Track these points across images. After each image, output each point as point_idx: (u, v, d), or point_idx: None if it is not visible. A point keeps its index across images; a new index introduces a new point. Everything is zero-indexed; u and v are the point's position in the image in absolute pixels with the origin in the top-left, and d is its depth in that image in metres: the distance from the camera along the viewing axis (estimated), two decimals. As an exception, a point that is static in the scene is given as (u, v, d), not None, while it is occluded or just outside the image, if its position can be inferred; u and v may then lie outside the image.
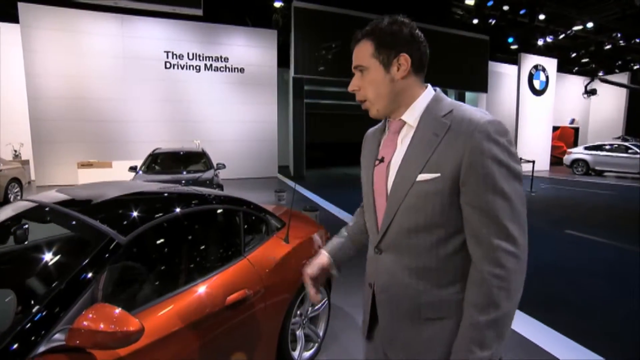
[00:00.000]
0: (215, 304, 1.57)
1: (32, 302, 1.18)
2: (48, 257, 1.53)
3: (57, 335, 1.09)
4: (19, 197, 7.76)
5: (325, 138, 19.48)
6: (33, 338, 1.06)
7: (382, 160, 0.97)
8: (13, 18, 10.19)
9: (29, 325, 1.08)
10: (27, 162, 10.49)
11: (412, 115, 0.93)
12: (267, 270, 1.92)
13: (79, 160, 9.84)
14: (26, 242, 1.62)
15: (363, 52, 0.93)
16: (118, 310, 1.09)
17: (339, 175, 14.75)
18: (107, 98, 11.06)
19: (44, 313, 1.11)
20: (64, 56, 10.49)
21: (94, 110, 10.95)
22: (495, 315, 0.80)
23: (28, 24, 10.05)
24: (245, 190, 9.63)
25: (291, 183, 11.45)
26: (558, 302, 3.39)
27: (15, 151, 10.63)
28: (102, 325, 1.05)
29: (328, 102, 16.92)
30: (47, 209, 1.62)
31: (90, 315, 1.07)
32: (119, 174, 8.22)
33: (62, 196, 1.80)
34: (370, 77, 0.93)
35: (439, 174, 0.85)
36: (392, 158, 0.95)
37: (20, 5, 9.92)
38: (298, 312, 2.26)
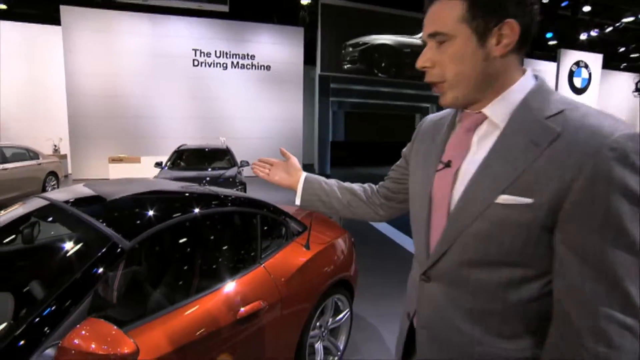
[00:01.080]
0: (226, 317, 1.43)
1: (26, 310, 1.09)
2: (50, 260, 1.45)
3: (48, 351, 0.99)
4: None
5: (350, 137, 19.22)
6: (23, 351, 0.96)
7: (448, 165, 0.75)
8: (55, 21, 10.74)
9: (20, 336, 0.98)
10: (65, 156, 11.00)
11: (500, 109, 0.69)
12: (285, 279, 1.77)
13: (110, 155, 10.18)
14: (33, 243, 1.56)
15: (446, 14, 0.67)
16: (113, 329, 0.97)
17: (364, 175, 14.48)
18: (137, 95, 11.42)
19: (36, 323, 1.02)
20: (100, 55, 10.93)
21: (126, 107, 11.35)
22: None
23: (68, 26, 10.57)
24: (268, 188, 9.44)
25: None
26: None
27: (55, 146, 11.16)
28: (93, 346, 0.93)
29: (354, 100, 16.66)
30: (56, 208, 1.55)
31: (83, 332, 0.96)
32: (146, 169, 8.40)
33: (86, 191, 1.75)
34: (454, 50, 0.67)
35: (531, 200, 0.61)
36: (463, 164, 0.72)
37: (62, 8, 10.48)
38: (317, 324, 2.10)
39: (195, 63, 12.03)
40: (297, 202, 1.04)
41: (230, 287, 1.54)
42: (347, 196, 1.03)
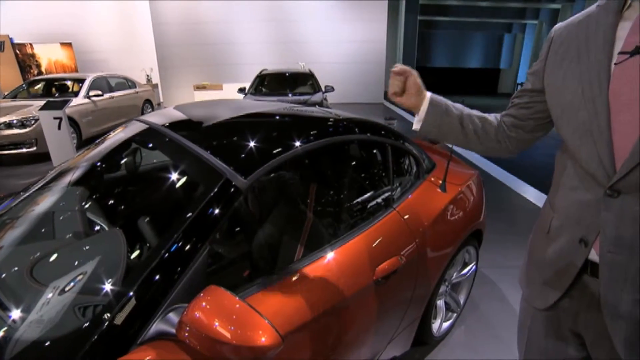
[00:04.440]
0: (362, 278, 1.11)
1: (144, 255, 0.86)
2: (157, 194, 1.23)
3: (171, 316, 0.76)
4: (150, 117, 8.73)
5: (439, 62, 17.05)
6: (150, 301, 0.77)
7: (636, 52, 0.63)
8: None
9: (147, 284, 0.78)
10: (156, 85, 11.64)
11: None
12: (423, 229, 1.39)
13: (195, 83, 10.44)
14: (136, 171, 1.35)
15: None
16: (237, 302, 0.68)
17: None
18: (216, 21, 11.25)
19: (159, 273, 0.79)
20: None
21: (205, 33, 11.34)
22: None
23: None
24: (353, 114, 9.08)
25: (399, 110, 10.45)
26: None
27: (148, 76, 11.80)
28: (217, 323, 0.65)
29: (445, 19, 14.40)
30: (156, 133, 1.28)
31: (204, 304, 0.68)
32: (229, 96, 8.46)
33: (177, 114, 1.48)
34: None
35: None
36: None
37: None
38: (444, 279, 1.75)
39: (273, -20, 11.17)
40: (416, 127, 0.95)
41: (362, 239, 1.20)
42: (476, 125, 0.92)
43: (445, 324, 1.91)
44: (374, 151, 1.49)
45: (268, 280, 0.97)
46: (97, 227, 1.14)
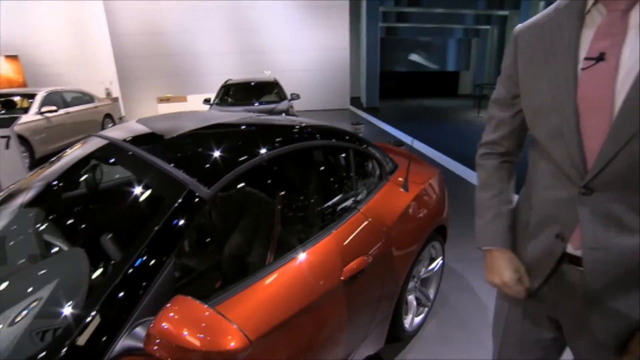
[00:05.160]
0: (330, 279, 1.14)
1: (107, 272, 0.85)
2: (119, 209, 1.20)
3: (137, 330, 0.75)
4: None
5: (402, 66, 17.63)
6: (115, 318, 0.76)
7: (601, 58, 0.67)
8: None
9: (111, 301, 0.76)
10: (116, 99, 11.20)
11: None
12: (387, 228, 1.44)
13: (158, 95, 10.17)
14: (97, 188, 1.31)
15: None
16: (206, 309, 0.69)
17: (415, 106, 13.43)
18: (178, 31, 11.06)
19: (123, 290, 0.78)
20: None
21: (168, 45, 11.11)
22: None
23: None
24: (322, 121, 9.16)
25: (366, 115, 10.69)
26: None
27: (107, 89, 11.34)
28: (186, 332, 0.66)
29: (406, 25, 14.94)
30: (116, 148, 1.26)
31: (172, 315, 0.69)
32: (193, 108, 8.30)
33: (140, 127, 1.46)
34: None
35: None
36: (622, 54, 0.65)
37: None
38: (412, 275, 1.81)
39: (234, -9, 11.15)
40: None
41: (329, 241, 1.23)
42: (509, 203, 0.92)
43: (417, 319, 1.97)
44: (337, 156, 1.53)
45: (239, 286, 0.98)
46: (56, 249, 1.10)
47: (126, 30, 10.64)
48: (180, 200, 0.92)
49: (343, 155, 1.51)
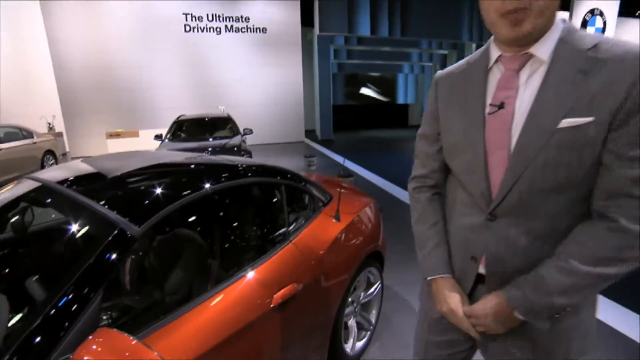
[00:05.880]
0: (258, 308, 1.23)
1: (25, 314, 0.88)
2: (46, 253, 1.23)
3: None
4: (53, 169, 7.90)
5: (352, 100, 18.60)
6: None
7: (501, 106, 0.80)
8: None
9: (24, 345, 0.79)
10: (60, 134, 10.65)
11: (545, 47, 0.75)
12: (318, 257, 1.56)
13: (107, 130, 9.83)
14: (26, 232, 1.32)
15: None
16: (130, 340, 0.76)
17: (368, 138, 14.10)
18: (129, 66, 10.87)
19: (41, 333, 0.81)
20: (84, 21, 10.21)
21: (118, 78, 10.84)
22: (616, 270, 0.71)
23: (45, -10, 9.77)
24: (273, 156, 9.33)
25: (320, 147, 11.03)
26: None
27: (49, 124, 10.76)
28: (108, 363, 0.72)
29: (355, 62, 15.99)
30: (48, 189, 1.30)
31: (94, 347, 0.74)
32: (146, 143, 8.12)
33: (84, 167, 1.50)
34: None
35: (591, 118, 0.70)
36: (516, 103, 0.78)
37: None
38: (350, 300, 1.93)
39: (187, 28, 11.34)
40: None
41: (259, 271, 1.33)
42: (444, 227, 1.00)
43: (360, 343, 2.07)
44: (271, 192, 1.66)
45: (171, 317, 1.03)
46: None
47: (72, 64, 10.25)
48: (110, 239, 0.99)
49: (276, 190, 1.64)
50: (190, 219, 1.36)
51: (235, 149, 5.40)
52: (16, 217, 1.33)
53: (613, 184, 0.71)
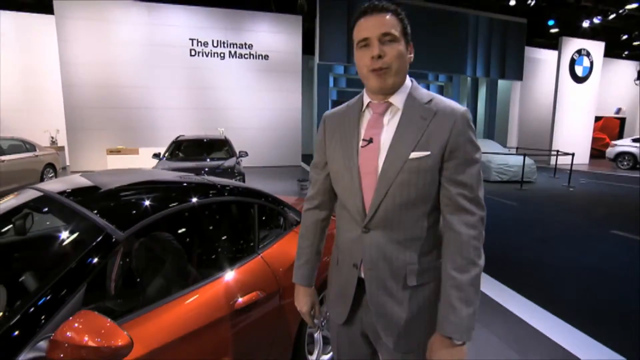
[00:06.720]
0: (224, 308, 1.41)
1: (19, 302, 1.06)
2: (42, 251, 1.42)
3: (40, 344, 0.97)
4: (52, 182, 8.08)
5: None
6: (16, 342, 0.95)
7: (370, 141, 1.01)
8: (48, 9, 10.57)
9: (13, 327, 0.97)
10: (62, 148, 10.94)
11: (399, 98, 1.01)
12: (284, 269, 1.75)
13: (108, 146, 10.12)
14: (26, 234, 1.53)
15: (394, 25, 0.96)
16: (106, 321, 0.94)
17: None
18: (134, 86, 11.30)
19: (30, 314, 0.99)
20: (96, 45, 10.80)
21: (123, 97, 11.23)
22: (475, 272, 0.93)
23: (62, 15, 10.41)
24: (267, 179, 9.56)
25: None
26: (605, 313, 3.05)
27: (52, 137, 11.08)
28: (86, 338, 0.91)
29: (354, 90, 16.64)
30: (49, 199, 1.51)
31: (76, 325, 0.93)
32: (145, 160, 8.38)
33: (82, 181, 1.72)
34: (399, 50, 0.96)
35: (429, 152, 0.95)
36: (381, 138, 1.01)
37: (54, -4, 10.20)
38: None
39: (193, 53, 11.88)
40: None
41: (227, 277, 1.52)
42: (319, 244, 1.24)
43: (325, 357, 2.20)
44: (245, 210, 1.87)
45: (147, 309, 1.23)
46: None
47: (80, 81, 10.70)
48: (97, 241, 1.19)
49: (251, 209, 1.86)
50: (170, 228, 1.56)
51: (230, 170, 5.63)
52: (19, 221, 1.53)
53: (451, 200, 0.96)
